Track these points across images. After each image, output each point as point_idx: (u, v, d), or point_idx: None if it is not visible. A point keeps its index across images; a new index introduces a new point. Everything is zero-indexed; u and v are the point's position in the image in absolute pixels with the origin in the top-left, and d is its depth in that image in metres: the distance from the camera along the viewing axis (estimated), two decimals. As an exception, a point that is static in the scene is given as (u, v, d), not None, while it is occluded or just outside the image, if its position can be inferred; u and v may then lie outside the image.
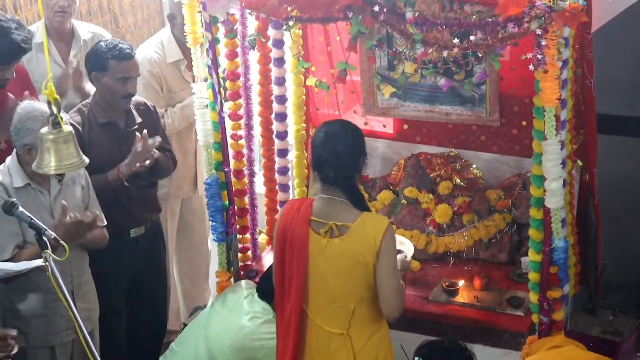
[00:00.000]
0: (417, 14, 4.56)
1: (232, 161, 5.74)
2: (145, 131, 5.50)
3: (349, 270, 4.54)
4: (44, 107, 4.96)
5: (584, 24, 4.60)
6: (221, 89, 5.51)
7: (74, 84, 6.04)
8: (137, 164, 5.43)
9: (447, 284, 5.49)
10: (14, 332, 4.63)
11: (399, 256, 4.89)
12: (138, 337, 6.09)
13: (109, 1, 7.18)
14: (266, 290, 5.13)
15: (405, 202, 5.93)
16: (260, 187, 6.12)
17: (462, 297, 5.45)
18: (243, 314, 5.34)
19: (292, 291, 4.69)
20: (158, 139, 5.70)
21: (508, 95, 5.55)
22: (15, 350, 4.60)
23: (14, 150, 5.09)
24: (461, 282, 5.55)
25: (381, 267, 4.47)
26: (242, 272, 5.91)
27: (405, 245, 5.47)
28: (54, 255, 4.38)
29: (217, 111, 5.44)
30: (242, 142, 5.83)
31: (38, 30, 5.96)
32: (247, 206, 5.92)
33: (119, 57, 5.52)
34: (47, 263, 4.38)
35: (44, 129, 4.39)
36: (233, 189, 5.73)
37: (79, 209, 5.13)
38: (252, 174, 5.97)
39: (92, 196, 5.31)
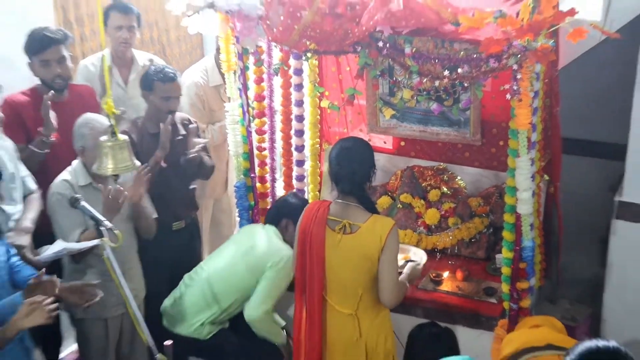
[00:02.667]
0: (414, 49, 4.60)
1: (257, 169, 5.73)
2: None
3: (358, 262, 4.58)
4: (100, 119, 5.04)
5: (553, 62, 4.60)
6: (249, 109, 5.54)
7: None
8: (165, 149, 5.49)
9: (434, 275, 5.50)
10: (95, 282, 4.70)
11: (411, 264, 5.03)
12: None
13: (159, 35, 7.23)
14: (273, 216, 5.32)
15: (400, 206, 5.94)
16: (280, 191, 6.07)
17: (446, 286, 5.45)
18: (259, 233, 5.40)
19: (315, 279, 4.73)
20: (204, 140, 5.80)
21: (488, 120, 5.54)
22: (97, 298, 4.63)
23: None
24: (446, 274, 5.55)
25: (383, 262, 4.51)
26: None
27: (418, 255, 5.50)
28: (109, 242, 4.46)
29: (246, 127, 5.46)
30: (266, 153, 5.82)
31: (102, 56, 5.92)
32: (268, 206, 5.87)
33: (164, 79, 5.53)
34: (104, 249, 4.47)
35: (103, 137, 4.43)
36: (258, 191, 5.74)
37: (130, 205, 5.19)
38: (273, 180, 5.94)
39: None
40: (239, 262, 5.31)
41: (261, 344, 5.42)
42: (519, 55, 4.30)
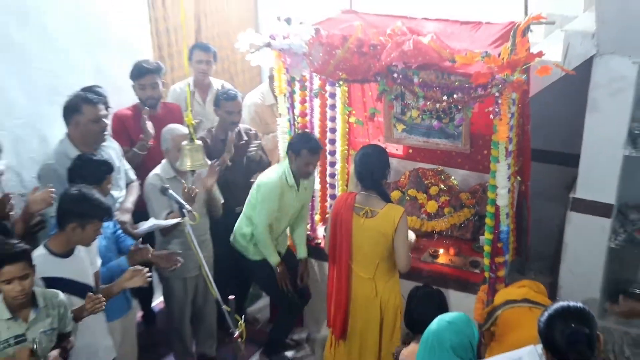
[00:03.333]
0: (420, 79, 4.60)
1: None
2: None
3: (377, 239, 4.69)
4: (179, 127, 5.14)
5: (525, 91, 4.63)
6: (295, 123, 5.58)
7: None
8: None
9: (432, 251, 5.54)
10: (178, 251, 4.80)
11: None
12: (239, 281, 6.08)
13: (229, 66, 7.22)
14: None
15: (408, 198, 5.92)
16: (316, 185, 6.01)
17: (442, 259, 5.49)
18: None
19: (343, 252, 4.82)
20: (260, 142, 5.89)
21: (476, 134, 5.51)
22: (179, 264, 4.75)
23: None
24: (441, 250, 5.57)
25: (397, 238, 4.63)
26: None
27: (410, 235, 5.45)
28: (189, 221, 4.59)
29: (292, 136, 5.49)
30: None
31: (187, 83, 5.79)
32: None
33: (227, 98, 5.61)
34: (185, 226, 4.56)
35: (184, 142, 4.56)
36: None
37: (202, 193, 5.24)
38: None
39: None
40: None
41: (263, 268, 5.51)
42: (500, 86, 4.32)
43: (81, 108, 4.90)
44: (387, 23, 4.98)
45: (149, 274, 4.30)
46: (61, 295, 3.99)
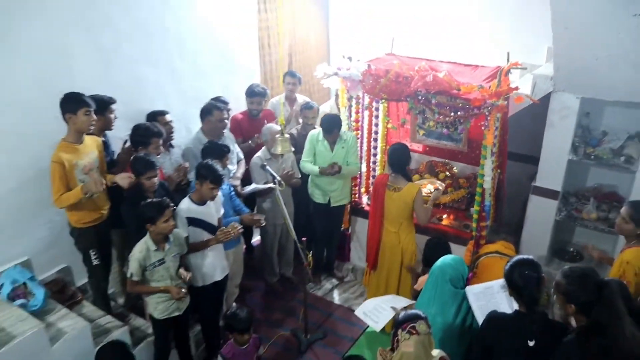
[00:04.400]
0: (436, 101, 4.63)
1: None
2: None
3: (401, 206, 4.68)
4: (274, 126, 5.16)
5: (505, 112, 4.62)
6: (351, 126, 5.61)
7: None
8: None
9: (438, 216, 5.51)
10: (261, 216, 4.82)
11: (435, 191, 5.04)
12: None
13: (309, 87, 7.24)
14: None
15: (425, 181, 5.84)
16: (363, 168, 5.94)
17: (445, 222, 5.47)
18: None
19: (378, 214, 4.82)
20: None
21: (472, 139, 5.48)
22: (263, 224, 4.76)
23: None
24: (444, 216, 5.55)
25: (416, 205, 4.63)
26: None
27: (439, 187, 5.52)
28: (279, 187, 4.67)
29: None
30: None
31: (281, 97, 6.03)
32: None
33: (307, 107, 5.57)
34: (275, 191, 4.64)
35: (278, 135, 4.67)
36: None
37: (287, 169, 5.25)
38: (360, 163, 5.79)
39: (294, 165, 5.39)
40: None
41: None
42: (489, 108, 4.36)
43: (212, 112, 5.01)
44: (415, 62, 4.98)
45: (240, 228, 4.34)
46: (182, 233, 4.15)
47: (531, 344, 3.03)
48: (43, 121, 4.17)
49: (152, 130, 4.47)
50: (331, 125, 5.14)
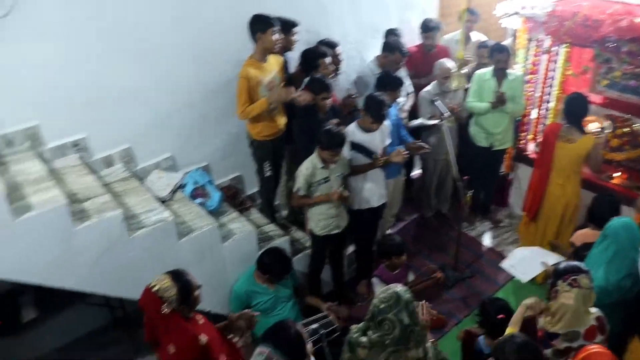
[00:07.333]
0: (628, 49, 4.43)
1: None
2: None
3: (572, 158, 4.61)
4: (446, 61, 5.19)
5: None
6: (527, 69, 5.48)
7: None
8: None
9: (609, 173, 5.22)
10: (428, 146, 4.72)
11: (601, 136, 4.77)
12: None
13: (485, 25, 6.60)
14: None
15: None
16: (533, 115, 5.78)
17: (616, 181, 5.20)
18: None
19: (545, 164, 4.75)
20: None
21: None
22: (428, 150, 4.72)
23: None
24: (617, 174, 5.22)
25: (590, 158, 4.56)
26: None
27: (604, 125, 5.17)
28: (446, 123, 4.73)
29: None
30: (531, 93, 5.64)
31: (456, 33, 5.92)
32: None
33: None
34: (443, 126, 4.74)
35: (454, 70, 4.60)
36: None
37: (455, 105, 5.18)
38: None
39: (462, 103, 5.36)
40: None
41: None
42: None
43: (395, 52, 5.08)
44: (608, 5, 4.68)
45: (407, 154, 4.43)
46: (346, 157, 4.37)
47: None
48: (228, 39, 4.55)
49: (318, 52, 4.71)
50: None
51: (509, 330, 3.05)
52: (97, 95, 4.13)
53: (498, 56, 5.14)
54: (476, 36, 6.15)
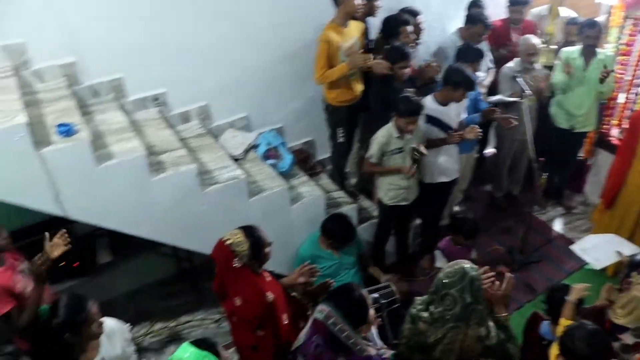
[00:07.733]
0: None
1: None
2: None
3: None
4: (531, 37, 5.00)
5: None
6: (619, 48, 5.20)
7: None
8: None
9: None
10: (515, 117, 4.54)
11: None
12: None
13: (575, 3, 6.26)
14: None
15: None
16: (621, 99, 5.44)
17: None
18: None
19: (629, 152, 4.51)
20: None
21: None
22: (512, 125, 4.51)
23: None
24: None
25: None
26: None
27: None
28: (526, 102, 4.59)
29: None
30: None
31: (543, 8, 5.67)
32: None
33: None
34: (522, 105, 4.60)
35: (541, 45, 4.42)
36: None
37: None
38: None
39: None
40: None
41: None
42: None
43: (477, 24, 4.93)
44: None
45: (480, 132, 4.31)
46: (422, 131, 4.28)
47: None
48: (310, 2, 4.55)
49: (400, 20, 4.64)
50: None
51: (563, 322, 2.94)
52: (179, 53, 4.29)
53: (588, 32, 4.89)
54: (565, 12, 5.81)
